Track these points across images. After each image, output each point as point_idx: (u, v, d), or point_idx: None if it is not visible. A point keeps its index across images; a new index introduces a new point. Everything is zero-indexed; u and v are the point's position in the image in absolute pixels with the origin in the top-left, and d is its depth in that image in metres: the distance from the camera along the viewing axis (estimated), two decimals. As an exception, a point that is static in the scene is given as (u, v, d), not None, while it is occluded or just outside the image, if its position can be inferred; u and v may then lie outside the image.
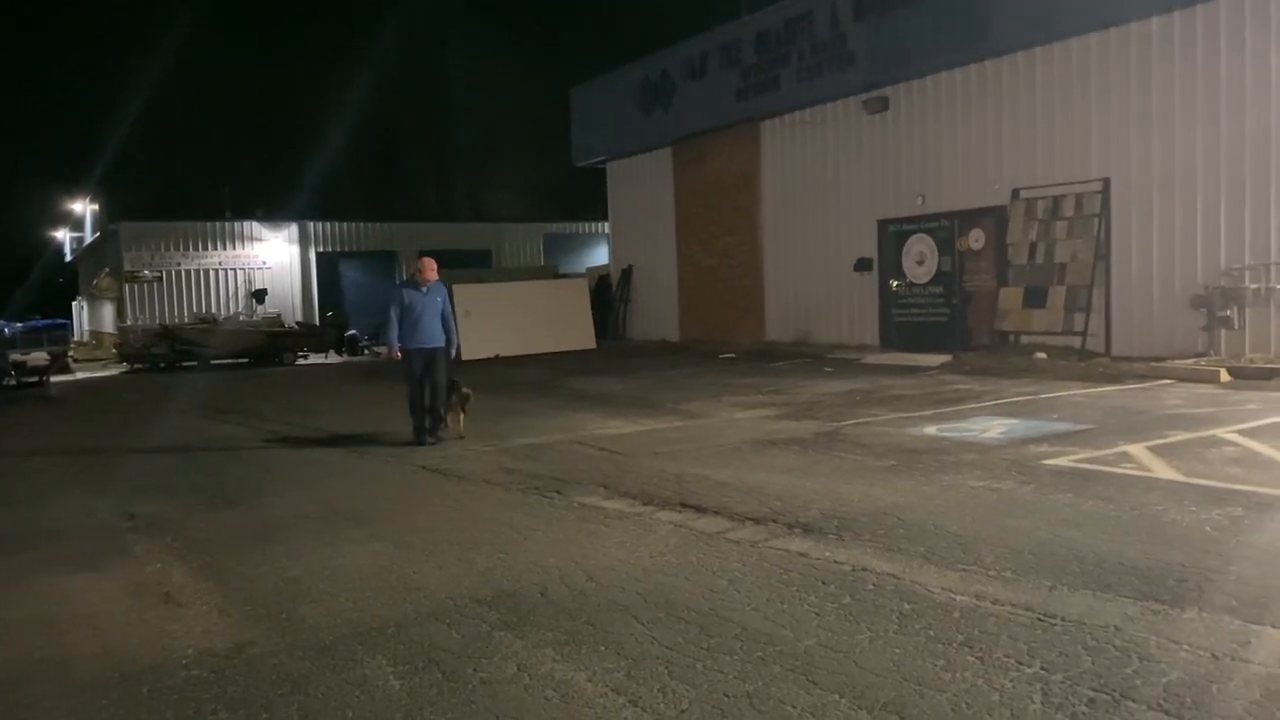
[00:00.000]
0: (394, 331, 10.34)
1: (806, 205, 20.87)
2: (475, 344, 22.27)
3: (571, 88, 28.54)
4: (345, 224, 33.95)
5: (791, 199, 21.28)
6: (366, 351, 28.92)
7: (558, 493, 7.58)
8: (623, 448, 9.55)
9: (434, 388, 10.32)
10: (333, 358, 27.53)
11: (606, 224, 29.64)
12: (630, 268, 26.82)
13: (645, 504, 7.03)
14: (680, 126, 23.93)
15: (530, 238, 36.06)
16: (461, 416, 10.66)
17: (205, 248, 32.42)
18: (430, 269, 10.51)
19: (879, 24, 18.38)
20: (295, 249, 33.11)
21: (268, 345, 25.93)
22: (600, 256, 33.47)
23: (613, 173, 27.71)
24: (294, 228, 33.07)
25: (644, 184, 25.93)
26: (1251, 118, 13.39)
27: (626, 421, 11.36)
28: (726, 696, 3.72)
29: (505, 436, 10.63)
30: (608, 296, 27.08)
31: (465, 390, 10.64)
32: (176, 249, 32.13)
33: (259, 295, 31.78)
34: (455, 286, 23.02)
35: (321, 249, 33.46)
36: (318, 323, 30.99)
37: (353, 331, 29.50)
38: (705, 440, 9.76)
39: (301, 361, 26.17)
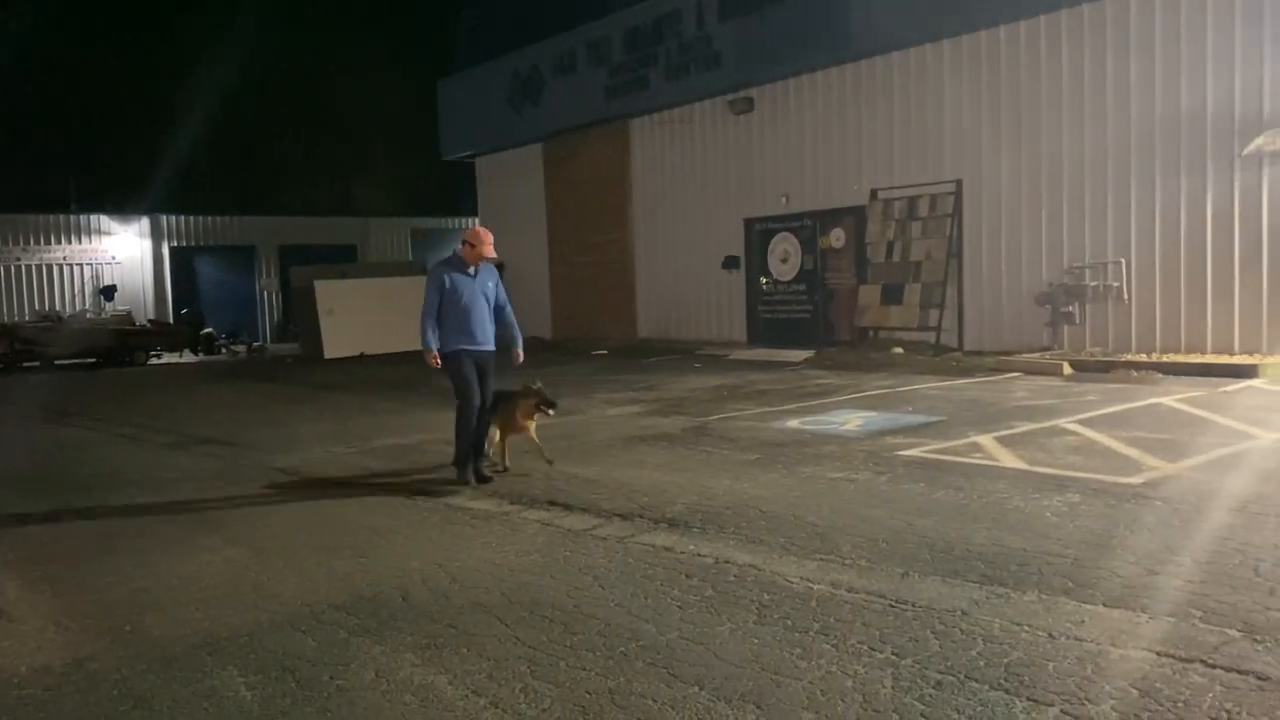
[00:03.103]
0: (431, 328, 7.71)
1: (676, 204, 21.09)
2: (338, 342, 21.72)
3: (439, 80, 28.10)
4: (201, 217, 32.55)
5: (662, 197, 21.46)
6: (225, 350, 27.83)
7: (423, 493, 7.45)
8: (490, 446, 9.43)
9: (481, 405, 7.79)
10: (188, 357, 26.42)
11: (477, 220, 29.31)
12: (501, 264, 26.50)
13: (512, 503, 6.98)
14: (550, 123, 23.83)
15: (397, 233, 35.30)
16: (531, 428, 8.06)
17: (48, 241, 30.61)
18: (488, 243, 7.73)
19: (744, 26, 18.70)
20: (147, 243, 31.56)
21: (117, 344, 24.65)
22: (471, 252, 33.06)
23: (482, 168, 27.41)
24: (145, 221, 31.52)
25: (515, 180, 25.74)
26: (1091, 126, 14.18)
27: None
28: (589, 694, 3.72)
29: (369, 436, 10.40)
30: (478, 293, 26.72)
31: (538, 386, 7.97)
32: (16, 243, 30.24)
33: (107, 292, 30.19)
34: (317, 283, 22.42)
35: (176, 243, 31.99)
36: (171, 320, 29.69)
37: (209, 329, 28.36)
38: (575, 437, 9.75)
39: (154, 361, 24.99)
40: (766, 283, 19.25)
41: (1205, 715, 3.31)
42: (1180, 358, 12.82)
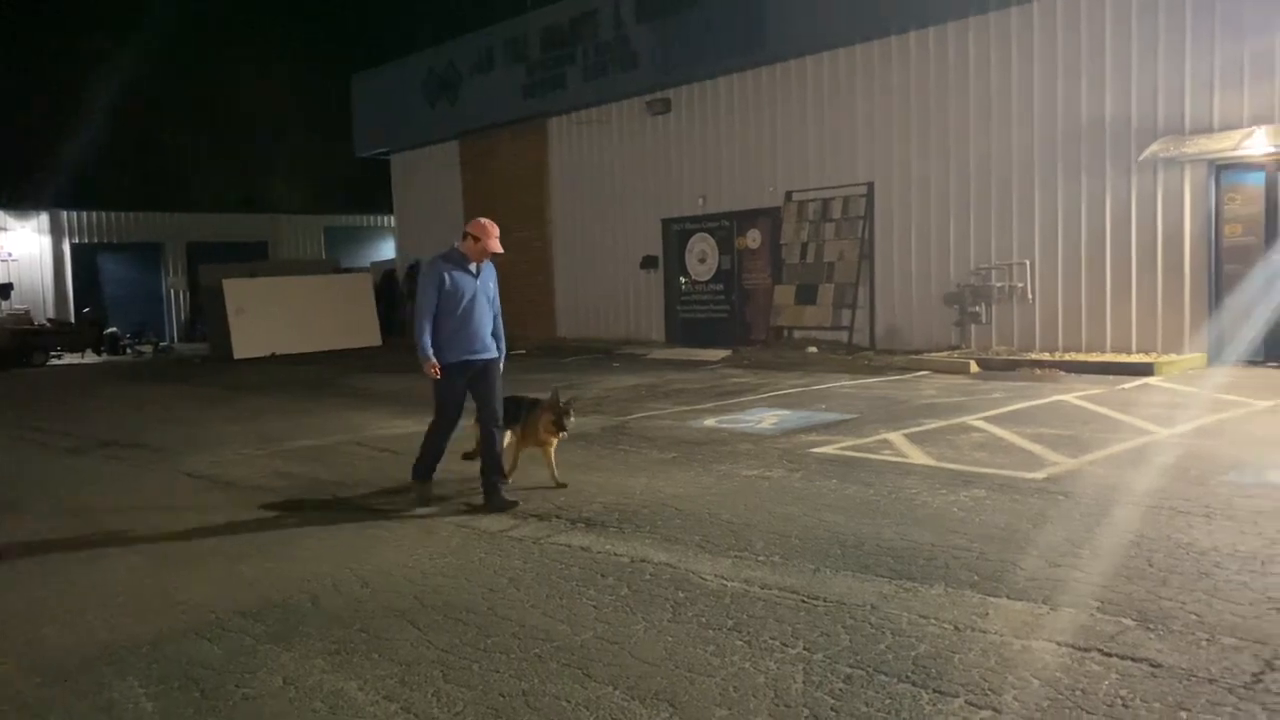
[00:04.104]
0: (428, 333, 6.67)
1: (595, 203, 21.08)
2: (248, 342, 21.20)
3: (354, 75, 27.63)
4: (104, 213, 31.43)
5: (581, 196, 21.44)
6: (129, 351, 26.93)
7: (335, 497, 7.32)
8: (407, 448, 9.23)
9: (490, 419, 6.86)
10: (90, 357, 25.50)
11: (393, 217, 28.91)
12: (417, 262, 26.20)
13: (427, 506, 6.89)
14: (467, 120, 23.62)
15: (311, 230, 34.57)
16: (554, 444, 7.20)
17: (-62, 237, 29.32)
18: (495, 235, 6.74)
19: (661, 27, 18.79)
20: (47, 240, 30.37)
21: (14, 345, 23.67)
22: (387, 251, 32.58)
23: (398, 165, 27.04)
24: (44, 217, 30.32)
25: (431, 177, 25.44)
26: (997, 132, 14.59)
27: (412, 421, 11.05)
28: (502, 696, 3.70)
29: (280, 439, 10.17)
30: (394, 292, 26.40)
31: (566, 402, 7.11)
32: (-97, 239, 28.90)
33: (3, 290, 28.98)
34: (226, 281, 21.85)
35: (77, 240, 30.84)
36: (73, 320, 28.63)
37: (113, 329, 27.41)
38: (491, 438, 9.67)
39: (55, 362, 24.07)
40: (685, 282, 19.37)
41: (1101, 703, 3.43)
42: (1081, 356, 13.27)
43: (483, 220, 6.82)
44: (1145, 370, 12.08)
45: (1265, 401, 9.69)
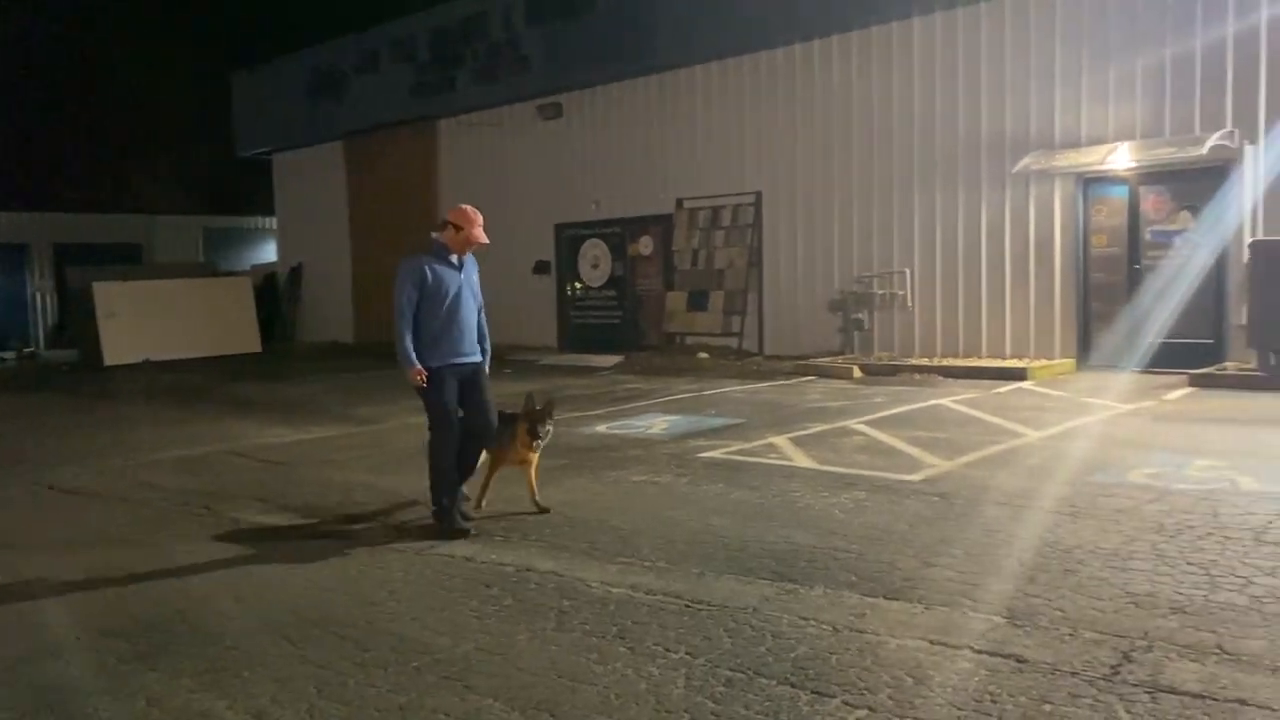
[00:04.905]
0: (409, 336, 6.04)
1: (486, 206, 20.39)
2: (120, 348, 20.27)
3: (233, 73, 26.77)
4: (-38, 212, 29.77)
5: (472, 200, 20.46)
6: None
7: (207, 509, 7.05)
8: (286, 457, 9.06)
9: (484, 430, 6.25)
10: (-55, 364, 24.04)
11: (274, 219, 28.09)
12: (300, 265, 25.59)
13: (306, 517, 6.70)
14: (353, 121, 23.10)
15: (187, 232, 33.26)
16: (534, 460, 6.41)
17: None
18: (479, 224, 6.21)
19: (552, 32, 18.72)
20: (-103, 239, 28.61)
21: None
22: (268, 253, 31.62)
23: (280, 165, 26.30)
24: (-106, 214, 28.56)
25: (315, 178, 24.81)
26: (879, 143, 14.98)
27: (292, 429, 10.79)
28: (378, 711, 3.61)
29: (151, 449, 9.74)
30: (275, 296, 25.65)
31: (543, 407, 6.34)
32: None
33: None
34: (96, 285, 20.89)
35: (-67, 240, 29.14)
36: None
37: (-29, 334, 25.93)
38: (376, 447, 9.49)
39: (-96, 369, 22.63)
40: (578, 288, 19.34)
41: (971, 698, 3.53)
42: (959, 361, 13.72)
43: (465, 207, 6.27)
44: (1018, 375, 12.56)
45: (1127, 405, 10.17)
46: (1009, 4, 13.61)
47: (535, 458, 6.36)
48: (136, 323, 20.60)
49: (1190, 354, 12.07)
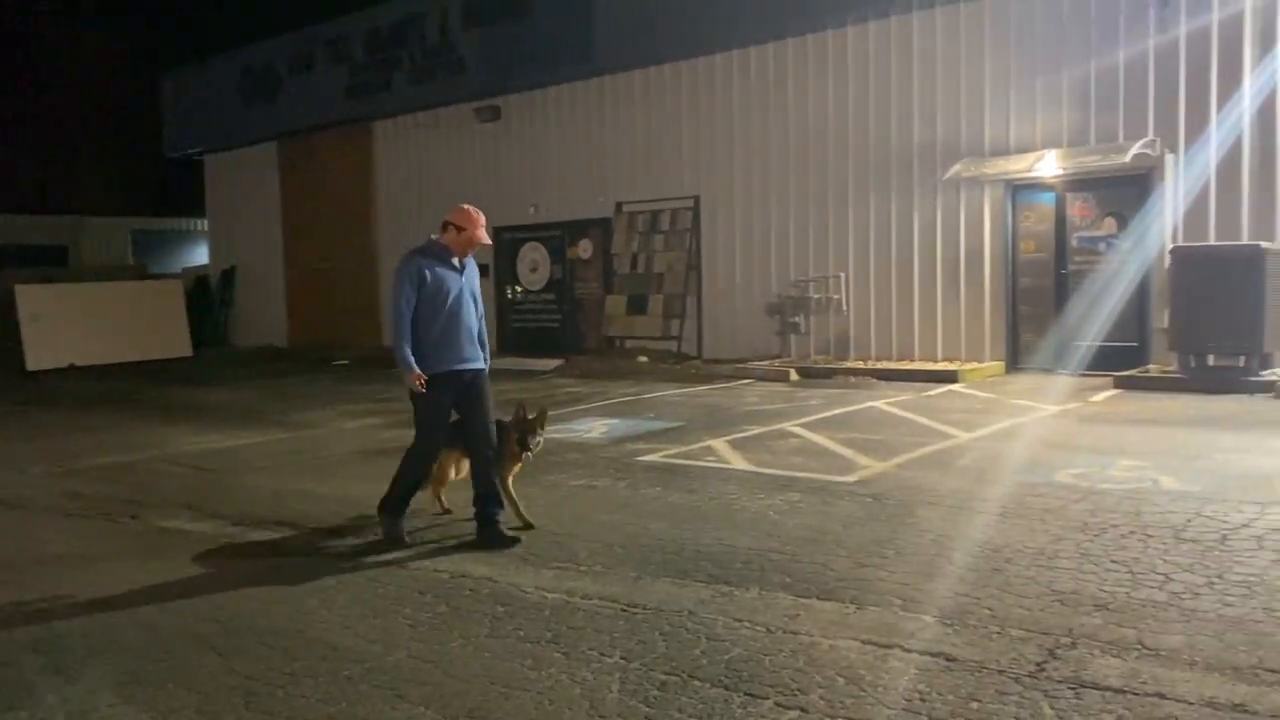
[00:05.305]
0: (408, 340, 5.81)
1: (423, 209, 20.61)
2: (44, 353, 19.70)
3: (164, 71, 26.18)
4: (-125, 212, 28.71)
5: (408, 202, 20.96)
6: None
7: (134, 517, 6.88)
8: (217, 464, 8.88)
9: (483, 437, 6.00)
10: None
11: (206, 221, 27.53)
12: (233, 268, 25.10)
13: (236, 524, 6.56)
14: (287, 121, 22.71)
15: (115, 234, 32.45)
16: (515, 469, 6.23)
17: None
18: (482, 224, 6.01)
19: (489, 34, 18.61)
20: None
21: None
22: (200, 256, 30.98)
23: (212, 166, 25.78)
24: None
25: (248, 180, 24.36)
26: (815, 150, 15.15)
27: (223, 435, 10.58)
28: (308, 722, 3.55)
29: (76, 456, 9.48)
30: (207, 299, 25.14)
31: (534, 416, 6.15)
32: None
33: None
34: (19, 288, 20.29)
35: None
36: None
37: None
38: (310, 453, 9.34)
39: None
40: (518, 291, 19.26)
41: (901, 698, 3.58)
42: (892, 364, 13.92)
43: (466, 207, 6.04)
44: (950, 378, 12.78)
45: (1054, 407, 10.41)
46: (940, 15, 13.86)
47: (518, 469, 6.22)
48: (62, 327, 20.03)
49: (1116, 357, 12.40)
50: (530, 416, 6.13)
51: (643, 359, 16.23)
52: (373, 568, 5.43)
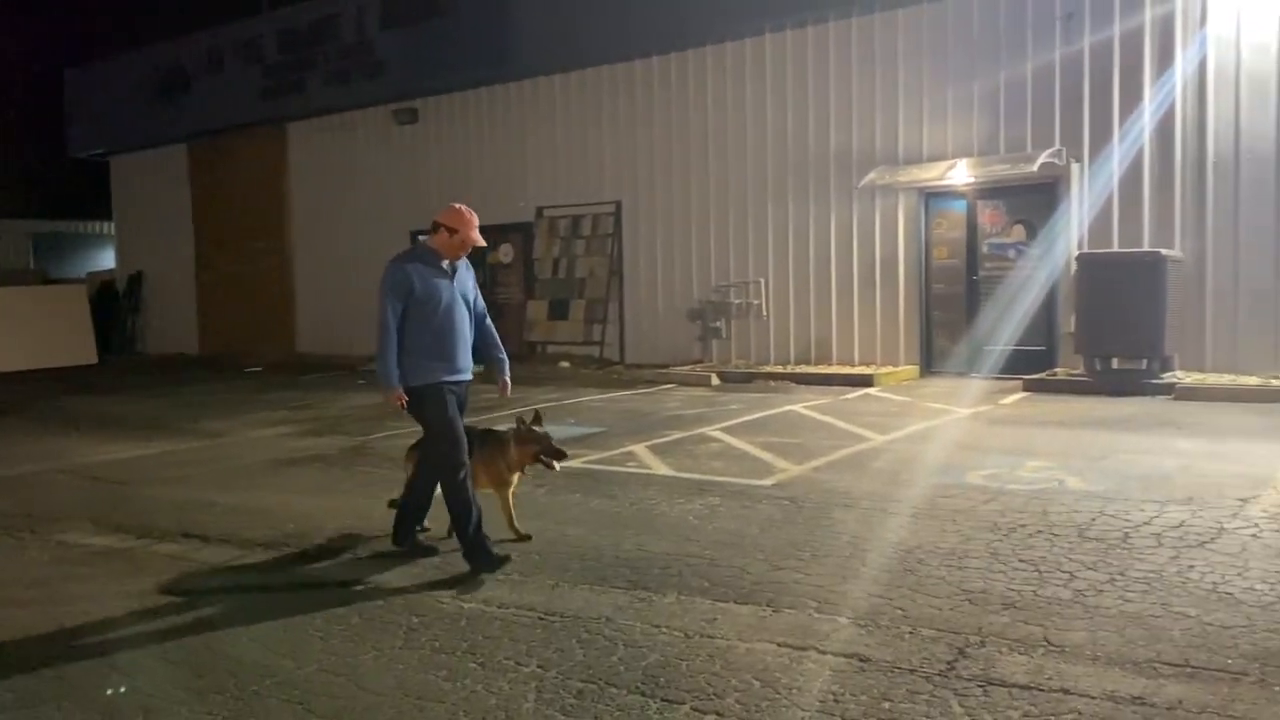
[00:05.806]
0: (393, 353, 5.46)
1: (340, 213, 20.30)
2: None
3: (67, 69, 25.27)
4: None
5: (325, 205, 20.59)
6: None
7: (31, 531, 6.60)
8: (120, 475, 8.58)
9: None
10: None
11: (112, 224, 26.65)
12: (140, 273, 24.34)
13: (140, 537, 6.35)
14: (198, 122, 22.09)
15: (14, 237, 31.21)
16: (515, 481, 6.01)
17: None
18: (474, 226, 5.54)
19: (406, 36, 18.37)
20: None
21: None
22: (106, 260, 29.97)
23: (118, 168, 24.97)
24: None
25: (156, 182, 23.66)
26: (733, 156, 15.29)
27: (128, 445, 10.23)
28: (212, 741, 3.44)
29: (-31, 468, 9.08)
30: (113, 305, 24.34)
31: (543, 430, 6.03)
32: None
33: None
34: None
35: None
36: None
37: None
38: (219, 462, 9.09)
39: None
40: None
41: (815, 699, 3.62)
42: (811, 369, 14.10)
43: (458, 206, 5.54)
44: (866, 382, 12.99)
45: (966, 409, 10.65)
46: (855, 24, 14.10)
47: (516, 481, 5.98)
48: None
49: (1025, 360, 12.74)
50: (541, 430, 5.89)
51: (565, 364, 16.18)
52: (282, 581, 5.30)
